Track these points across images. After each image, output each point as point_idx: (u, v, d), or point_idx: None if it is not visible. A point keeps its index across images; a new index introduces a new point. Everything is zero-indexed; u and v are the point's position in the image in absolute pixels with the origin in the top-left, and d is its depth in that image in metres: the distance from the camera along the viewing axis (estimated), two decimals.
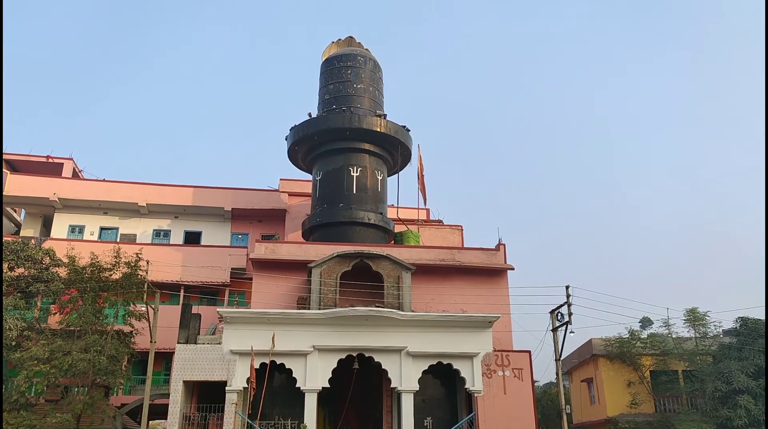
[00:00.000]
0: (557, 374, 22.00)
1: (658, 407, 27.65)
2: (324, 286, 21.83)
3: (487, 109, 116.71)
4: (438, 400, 22.33)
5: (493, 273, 24.06)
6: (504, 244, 24.54)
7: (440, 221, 31.32)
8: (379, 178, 27.77)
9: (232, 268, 29.04)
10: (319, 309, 21.35)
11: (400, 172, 30.10)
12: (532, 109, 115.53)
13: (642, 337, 28.60)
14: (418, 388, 20.76)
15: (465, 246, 27.08)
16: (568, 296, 20.69)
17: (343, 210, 26.36)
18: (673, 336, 27.94)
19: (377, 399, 22.36)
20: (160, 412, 23.32)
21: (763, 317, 25.99)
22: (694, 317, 27.48)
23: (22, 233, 31.65)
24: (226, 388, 20.02)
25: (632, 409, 27.38)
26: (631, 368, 28.48)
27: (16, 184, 30.93)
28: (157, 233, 32.33)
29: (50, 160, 33.51)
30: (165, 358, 26.92)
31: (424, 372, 20.94)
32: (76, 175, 34.13)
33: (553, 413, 33.36)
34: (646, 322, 28.98)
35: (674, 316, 30.98)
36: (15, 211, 33.83)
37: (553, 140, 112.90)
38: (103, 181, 32.75)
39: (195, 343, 20.84)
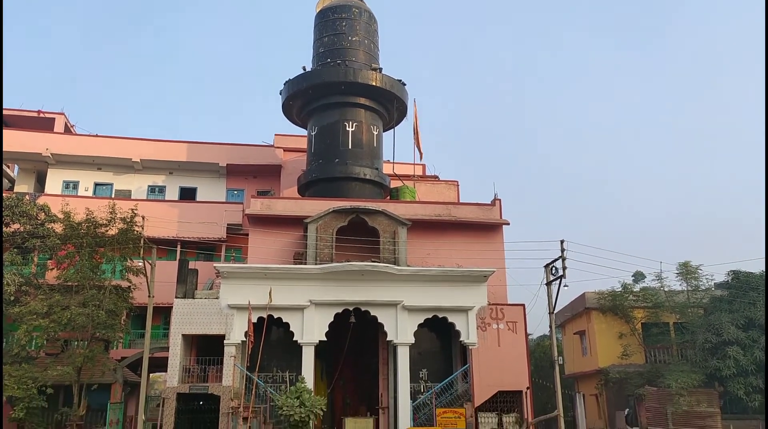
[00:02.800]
0: (550, 327, 22.34)
1: (648, 358, 28.21)
2: (320, 242, 21.91)
3: (483, 62, 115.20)
4: (433, 352, 22.73)
5: (488, 228, 24.16)
6: (500, 200, 24.58)
7: (436, 177, 31.24)
8: (375, 133, 27.54)
9: (228, 224, 29.04)
10: (316, 264, 21.48)
11: (395, 128, 29.84)
12: (529, 62, 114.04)
13: (634, 290, 28.98)
14: (413, 341, 21.09)
15: (460, 201, 27.07)
16: (562, 250, 20.83)
17: (338, 165, 26.23)
18: (665, 289, 28.30)
19: (373, 351, 22.74)
20: (159, 365, 23.70)
21: (754, 270, 26.31)
22: (686, 271, 27.79)
23: (16, 189, 31.47)
24: (225, 341, 20.30)
25: (623, 360, 27.94)
26: (623, 321, 28.96)
27: (8, 140, 30.56)
28: (152, 189, 32.20)
29: (41, 115, 33.07)
30: (163, 313, 27.20)
31: (419, 325, 21.25)
32: (68, 130, 33.75)
33: (546, 364, 34.05)
34: (638, 276, 29.32)
35: (667, 270, 31.41)
36: (8, 167, 33.56)
37: (552, 93, 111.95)
38: (96, 136, 32.41)
39: (193, 297, 21.02)
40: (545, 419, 23.72)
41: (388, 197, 27.08)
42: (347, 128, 26.68)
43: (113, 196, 30.36)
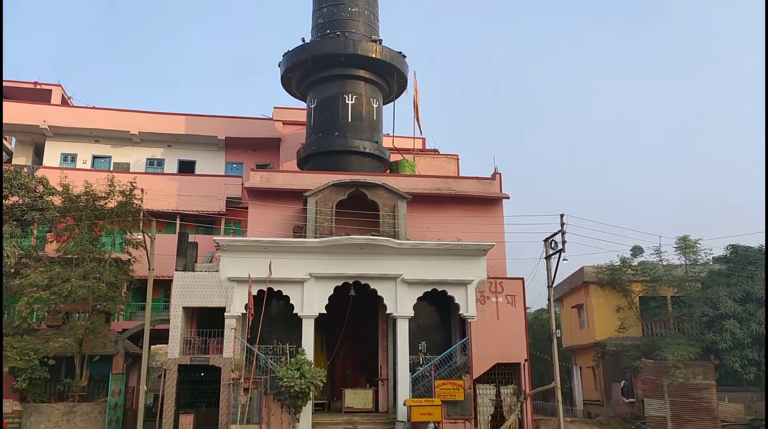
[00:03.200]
0: (549, 300, 22.44)
1: (645, 331, 28.45)
2: (320, 215, 21.88)
3: (484, 35, 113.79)
4: (432, 325, 22.88)
5: (488, 202, 24.12)
6: (500, 174, 24.50)
7: (436, 150, 31.09)
8: (375, 106, 27.32)
9: (227, 197, 29.00)
10: (315, 237, 21.48)
11: (395, 101, 29.58)
12: (529, 33, 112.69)
13: (633, 264, 29.09)
14: (413, 314, 21.21)
15: (460, 175, 26.98)
16: (562, 224, 20.82)
17: (338, 139, 26.06)
18: (664, 263, 28.41)
19: (373, 324, 22.90)
20: (160, 337, 23.87)
21: (753, 244, 26.37)
22: (685, 245, 27.86)
23: (14, 162, 31.32)
24: (225, 314, 20.41)
25: (620, 333, 28.16)
26: (621, 294, 29.15)
27: (5, 111, 30.30)
28: (150, 162, 32.07)
29: (38, 87, 32.75)
30: (163, 286, 27.32)
31: (419, 298, 21.34)
32: (65, 101, 33.47)
33: (544, 337, 34.36)
34: (637, 251, 29.42)
35: (666, 244, 31.52)
36: (6, 140, 33.35)
37: (555, 68, 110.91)
38: (94, 108, 32.15)
39: (193, 270, 21.06)
40: (543, 391, 23.98)
41: (388, 171, 26.99)
42: (347, 101, 26.45)
43: (111, 168, 30.25)
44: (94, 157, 31.63)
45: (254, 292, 20.22)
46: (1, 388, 20.80)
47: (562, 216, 20.83)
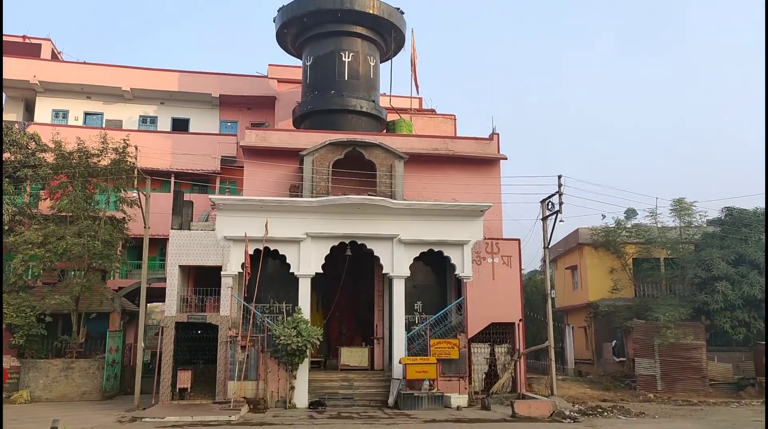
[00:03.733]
0: (545, 261, 22.59)
1: (638, 292, 28.80)
2: (316, 175, 21.72)
3: None
4: (428, 285, 23.01)
5: (485, 162, 23.98)
6: (498, 134, 24.29)
7: (433, 110, 30.77)
8: (372, 64, 26.85)
9: (222, 156, 28.73)
10: (312, 197, 21.36)
11: (392, 59, 29.11)
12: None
13: (627, 226, 29.23)
14: (409, 274, 21.29)
15: (458, 135, 26.74)
16: (559, 185, 20.76)
17: (334, 97, 25.70)
18: (659, 225, 28.54)
19: (369, 284, 23.00)
20: (156, 295, 23.95)
21: (748, 207, 26.48)
22: (680, 207, 27.95)
23: (4, 118, 30.75)
24: (222, 272, 20.42)
25: (613, 294, 28.50)
26: (615, 256, 29.37)
27: None
28: (143, 119, 31.63)
29: (27, 41, 31.97)
30: (159, 245, 27.27)
31: (415, 259, 21.39)
32: (55, 56, 32.73)
33: (537, 298, 34.74)
34: (630, 213, 29.56)
35: (662, 206, 31.63)
36: None
37: (553, 26, 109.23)
38: (84, 63, 31.49)
39: (189, 229, 20.96)
40: (536, 350, 24.33)
41: (385, 130, 26.72)
42: (343, 59, 25.99)
43: (104, 126, 29.83)
44: (86, 114, 31.15)
45: (251, 251, 20.20)
46: (0, 343, 20.93)
47: (559, 177, 20.78)
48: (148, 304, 27.55)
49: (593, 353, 30.62)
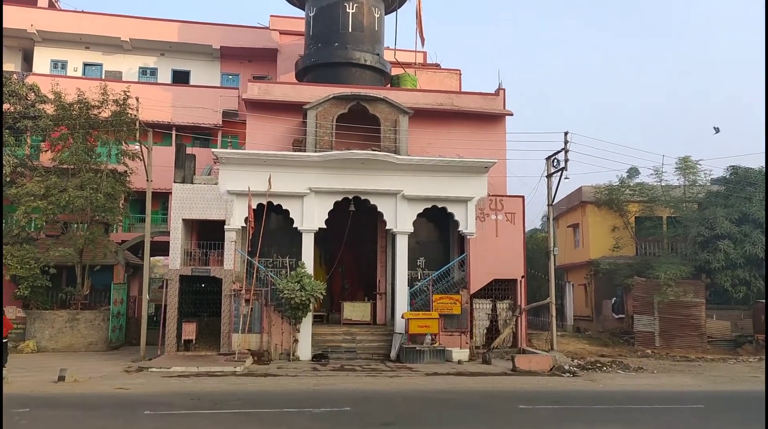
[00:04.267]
0: (548, 218, 22.56)
1: (639, 251, 28.88)
2: (320, 129, 21.46)
3: None
4: (431, 242, 23.04)
5: (491, 118, 23.67)
6: (504, 89, 23.90)
7: (437, 65, 30.21)
8: (376, 15, 26.22)
9: (223, 110, 28.40)
10: (315, 152, 21.17)
11: (398, 10, 28.39)
12: None
13: (631, 185, 29.11)
14: (412, 230, 21.27)
15: (463, 91, 26.31)
16: (566, 142, 20.55)
17: (338, 50, 25.18)
18: (663, 184, 28.41)
19: (372, 239, 23.03)
20: (159, 249, 24.01)
21: (754, 166, 26.31)
22: (685, 165, 27.75)
23: (3, 68, 30.25)
24: (225, 226, 20.40)
25: (614, 252, 28.56)
26: (617, 214, 29.35)
27: None
28: (143, 71, 31.13)
29: None
30: (162, 199, 27.22)
31: (418, 215, 21.33)
32: (52, 5, 31.95)
33: (537, 256, 34.84)
34: (633, 172, 29.41)
35: (667, 164, 31.45)
36: None
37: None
38: (83, 12, 30.80)
39: (191, 183, 20.84)
40: (538, 306, 24.52)
41: (389, 85, 26.28)
42: (347, 10, 25.35)
43: (103, 77, 29.38)
44: (85, 65, 30.65)
45: (254, 206, 20.14)
46: (1, 296, 21.07)
47: (566, 133, 20.55)
48: (152, 258, 27.71)
49: (592, 310, 30.93)
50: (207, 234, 21.22)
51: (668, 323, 24.68)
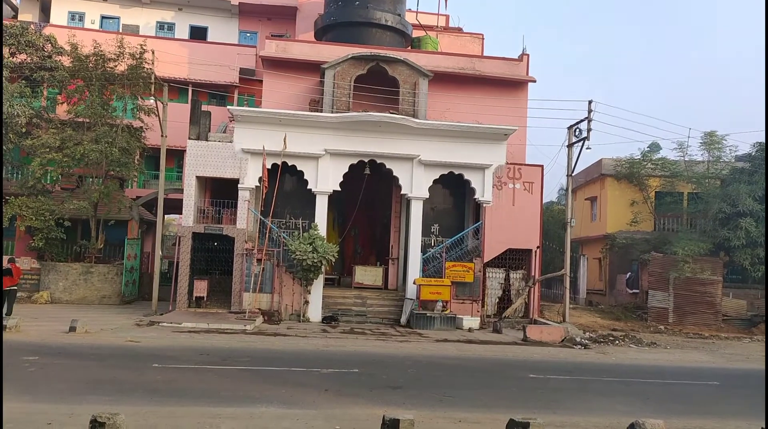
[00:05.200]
0: (567, 188, 22.12)
1: (657, 226, 28.40)
2: (337, 89, 21.06)
3: None
4: (446, 209, 22.76)
5: (513, 85, 23.10)
6: (528, 55, 23.26)
7: (460, 29, 29.47)
8: None
9: (240, 68, 28.01)
10: (332, 113, 20.81)
11: None
12: None
13: (654, 158, 28.46)
14: (427, 196, 20.97)
15: (485, 55, 25.65)
16: (589, 111, 19.97)
17: (359, 9, 24.57)
18: (686, 159, 27.74)
19: (386, 204, 22.79)
20: (173, 206, 23.97)
21: None
22: (711, 140, 27.00)
23: (20, 18, 30.00)
24: (239, 185, 20.24)
25: (632, 226, 28.10)
26: (637, 188, 28.79)
27: None
28: (160, 26, 30.70)
29: None
30: (176, 156, 27.08)
31: (434, 181, 21.01)
32: None
33: (552, 227, 34.46)
34: (654, 147, 28.72)
35: (694, 137, 30.67)
36: None
37: None
38: None
39: (206, 140, 20.63)
40: (552, 277, 24.24)
41: (410, 47, 25.68)
42: None
43: (120, 30, 29.00)
44: (103, 18, 30.27)
45: (268, 166, 19.93)
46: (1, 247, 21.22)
47: (590, 102, 19.96)
48: (166, 216, 27.70)
49: (606, 284, 30.63)
50: (220, 192, 21.10)
51: (683, 300, 24.35)
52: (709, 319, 24.15)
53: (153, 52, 21.85)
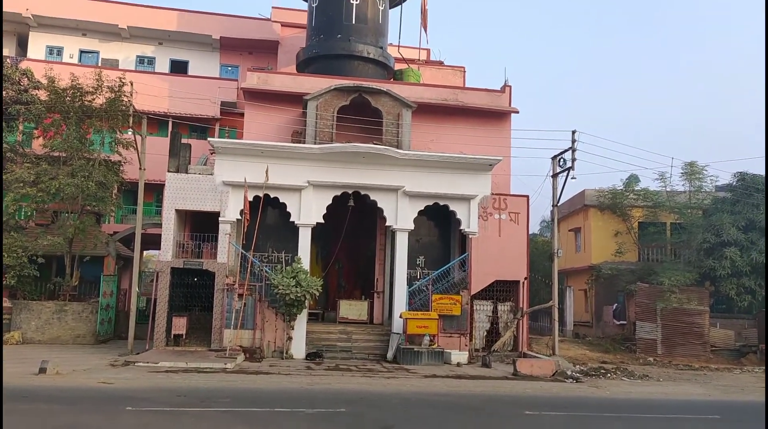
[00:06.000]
0: (553, 219, 21.94)
1: (642, 257, 28.33)
2: (320, 121, 20.83)
3: None
4: (431, 241, 22.43)
5: (496, 115, 23.09)
6: (510, 86, 23.34)
7: (441, 62, 29.66)
8: (381, 8, 25.63)
9: (222, 102, 27.80)
10: (315, 144, 20.53)
11: (402, 4, 27.81)
12: None
13: (636, 189, 28.59)
14: (413, 228, 20.64)
15: (468, 87, 25.71)
16: (573, 141, 19.94)
17: (340, 41, 24.58)
18: (668, 189, 27.89)
19: (371, 237, 22.40)
20: (153, 241, 23.31)
21: (762, 172, 25.78)
22: (691, 170, 27.22)
23: None
24: (219, 218, 19.74)
25: (616, 257, 28.00)
26: (620, 219, 28.81)
27: None
28: (140, 60, 30.47)
29: None
30: (155, 190, 26.53)
31: (419, 212, 20.70)
32: None
33: (537, 259, 34.22)
34: (633, 179, 28.89)
35: (676, 165, 30.93)
36: None
37: None
38: None
39: (186, 172, 20.19)
40: (540, 309, 23.87)
41: (392, 79, 25.68)
42: (351, 1, 24.75)
43: (99, 64, 28.72)
44: (81, 52, 30.00)
45: (250, 198, 19.49)
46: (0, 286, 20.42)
47: (573, 132, 19.95)
48: (145, 252, 27.01)
49: (592, 316, 30.33)
50: (201, 226, 20.57)
51: (671, 331, 24.11)
52: (698, 350, 23.91)
53: (132, 83, 21.50)
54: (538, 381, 16.31)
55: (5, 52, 29.53)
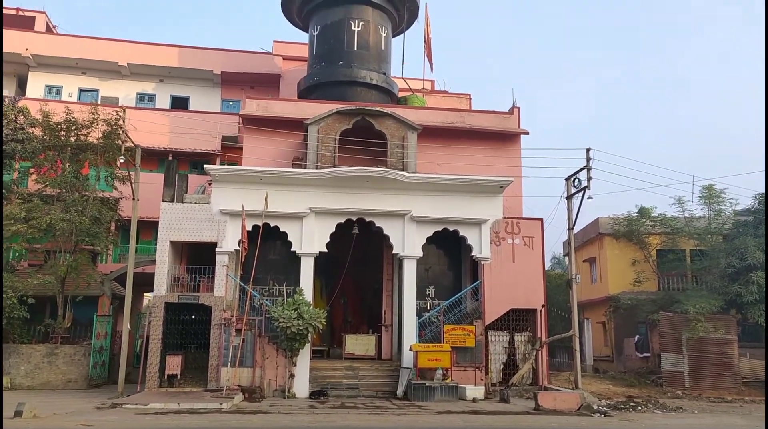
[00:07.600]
0: (569, 243, 20.83)
1: (662, 285, 27.01)
2: (321, 145, 20.02)
3: None
4: (441, 270, 21.25)
5: (505, 137, 22.24)
6: (518, 108, 22.58)
7: (446, 92, 29.08)
8: (383, 34, 25.17)
9: (223, 136, 27.14)
10: (317, 169, 19.66)
11: (405, 32, 27.39)
12: None
13: (652, 215, 27.46)
14: (421, 255, 19.55)
15: (475, 109, 24.95)
16: (588, 160, 18.98)
17: (342, 68, 24.03)
18: (686, 214, 26.75)
19: (377, 267, 21.28)
20: (151, 282, 22.16)
21: None
22: (709, 194, 26.10)
23: None
24: (217, 249, 18.74)
25: (635, 286, 26.69)
26: (637, 247, 27.59)
27: None
28: (141, 97, 30.08)
29: (21, 13, 30.47)
30: (154, 228, 25.44)
31: (428, 239, 19.65)
32: (50, 30, 31.26)
33: (551, 293, 32.81)
34: (644, 211, 27.77)
35: (687, 191, 29.74)
36: None
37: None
38: (80, 36, 29.95)
39: (182, 202, 19.30)
40: (560, 339, 22.40)
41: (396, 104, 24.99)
42: (353, 28, 24.33)
43: (99, 102, 28.29)
44: (81, 91, 29.64)
45: (249, 227, 18.54)
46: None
47: (588, 150, 19.01)
48: (144, 294, 25.88)
49: (612, 349, 28.79)
50: (197, 258, 19.53)
51: (698, 362, 22.62)
52: (728, 381, 22.36)
53: (125, 110, 20.90)
54: (563, 415, 14.93)
55: (5, 92, 29.26)
